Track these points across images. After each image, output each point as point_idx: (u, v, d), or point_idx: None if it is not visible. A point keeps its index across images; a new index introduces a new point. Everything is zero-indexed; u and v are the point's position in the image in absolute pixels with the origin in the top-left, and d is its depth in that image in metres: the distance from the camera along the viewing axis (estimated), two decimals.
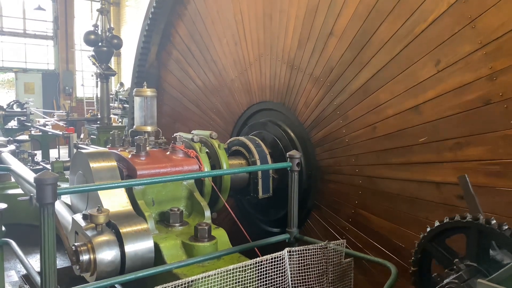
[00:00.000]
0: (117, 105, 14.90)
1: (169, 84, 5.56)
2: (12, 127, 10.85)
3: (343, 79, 3.21)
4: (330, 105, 3.34)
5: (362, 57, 3.06)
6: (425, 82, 2.68)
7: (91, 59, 9.35)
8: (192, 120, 5.14)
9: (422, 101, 2.71)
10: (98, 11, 9.36)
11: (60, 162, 5.90)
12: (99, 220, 2.37)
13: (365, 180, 3.13)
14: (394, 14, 2.82)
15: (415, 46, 2.73)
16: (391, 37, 2.85)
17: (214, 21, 4.62)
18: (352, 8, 3.09)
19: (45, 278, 1.99)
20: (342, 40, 3.20)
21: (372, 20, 2.96)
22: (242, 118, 4.35)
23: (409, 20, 2.74)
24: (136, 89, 3.54)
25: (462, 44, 2.48)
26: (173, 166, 3.07)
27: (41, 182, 1.94)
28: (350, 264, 2.69)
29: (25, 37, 21.84)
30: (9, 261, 5.39)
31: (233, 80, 4.41)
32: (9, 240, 3.20)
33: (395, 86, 2.86)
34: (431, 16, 2.62)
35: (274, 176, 3.62)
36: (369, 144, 3.08)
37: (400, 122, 2.85)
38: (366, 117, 3.08)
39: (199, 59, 4.92)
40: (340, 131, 3.28)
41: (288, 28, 3.68)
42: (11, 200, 4.24)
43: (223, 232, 2.85)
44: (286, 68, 3.73)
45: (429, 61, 2.65)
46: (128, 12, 23.39)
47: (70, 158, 7.38)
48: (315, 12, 3.39)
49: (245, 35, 4.18)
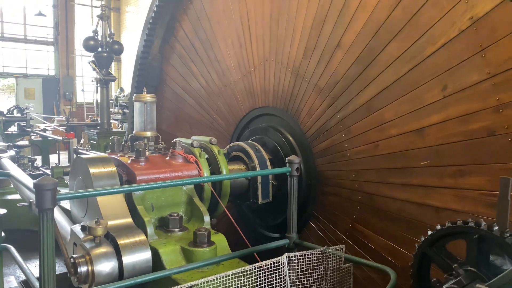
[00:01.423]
0: (117, 111, 14.93)
1: (171, 78, 5.51)
2: (12, 133, 10.88)
3: (348, 93, 3.19)
4: (333, 118, 3.33)
5: (368, 74, 3.03)
6: (431, 106, 2.66)
7: (91, 65, 9.38)
8: (193, 117, 5.10)
9: (427, 124, 2.69)
10: (98, 17, 9.41)
11: (60, 168, 5.88)
12: (97, 232, 2.38)
13: (365, 196, 3.12)
14: (403, 34, 2.80)
15: (422, 69, 2.70)
16: (399, 57, 2.83)
17: (220, 20, 4.56)
18: (360, 23, 3.06)
19: (44, 283, 1.99)
20: (348, 54, 3.17)
21: (380, 38, 2.93)
22: (243, 120, 4.33)
23: (418, 42, 2.71)
24: (136, 94, 3.56)
25: (471, 72, 2.45)
26: (173, 171, 3.08)
27: (40, 187, 1.94)
28: (349, 270, 2.68)
29: (26, 42, 21.92)
30: (8, 267, 5.38)
31: (236, 81, 4.38)
32: (8, 246, 3.19)
33: (399, 107, 2.84)
34: (440, 40, 2.59)
35: (274, 183, 3.62)
36: (370, 161, 3.07)
37: (403, 143, 2.84)
38: (369, 134, 3.06)
39: (203, 57, 4.86)
40: (342, 144, 3.27)
41: (294, 36, 3.64)
42: (11, 205, 4.23)
43: (222, 238, 2.85)
44: (291, 75, 3.70)
45: (436, 86, 2.63)
46: (128, 18, 23.49)
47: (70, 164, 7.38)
48: (323, 22, 3.35)
49: (250, 37, 4.14)
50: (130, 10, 23.35)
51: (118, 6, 23.87)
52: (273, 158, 3.73)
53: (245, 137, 4.18)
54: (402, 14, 2.79)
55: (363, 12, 3.03)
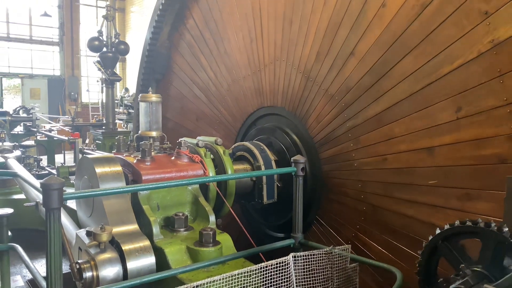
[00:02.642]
0: (122, 111, 15.00)
1: (179, 66, 5.39)
2: (18, 133, 10.95)
3: (359, 103, 3.13)
4: (343, 126, 3.27)
5: (381, 86, 2.97)
6: (443, 126, 2.61)
7: (97, 65, 9.42)
8: (200, 109, 5.02)
9: (437, 144, 2.65)
10: (103, 17, 9.44)
11: (66, 167, 5.92)
12: (102, 239, 2.40)
13: (369, 208, 3.10)
14: (419, 49, 2.72)
15: (437, 88, 2.64)
16: (413, 73, 2.76)
17: (231, 12, 4.42)
18: (376, 33, 2.97)
19: (51, 283, 2.00)
20: (362, 63, 3.09)
21: (395, 50, 2.86)
22: (251, 117, 4.27)
23: (434, 60, 2.64)
24: (141, 94, 3.56)
25: (487, 97, 2.39)
26: (178, 171, 3.08)
27: (47, 187, 1.95)
28: (355, 269, 2.68)
29: (31, 43, 22.06)
30: (15, 266, 5.42)
31: (245, 78, 4.29)
32: (15, 245, 3.22)
33: (411, 123, 2.79)
34: (458, 60, 2.52)
35: (279, 185, 3.61)
36: (377, 173, 3.04)
37: (412, 159, 2.80)
38: (378, 147, 3.02)
39: (212, 49, 4.74)
40: (350, 154, 3.23)
41: (307, 38, 3.54)
42: (17, 205, 4.26)
43: (227, 237, 2.85)
44: (302, 78, 3.63)
45: (450, 106, 2.57)
46: (133, 18, 23.58)
47: (75, 163, 7.42)
48: (338, 27, 3.25)
49: (262, 34, 4.03)
50: (135, 10, 23.43)
51: (123, 6, 23.96)
52: (280, 160, 3.71)
53: (251, 135, 4.15)
54: (420, 29, 2.71)
55: (380, 22, 2.94)
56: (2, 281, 3.55)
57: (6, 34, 21.34)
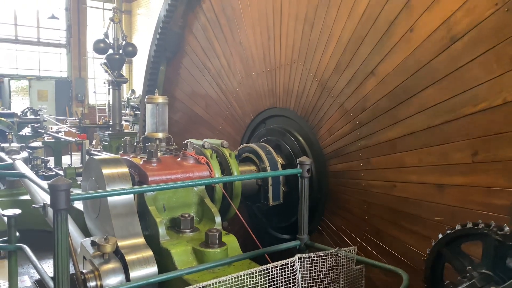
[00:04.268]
0: (129, 112, 15.08)
1: (191, 48, 5.24)
2: (25, 134, 11.03)
3: (373, 124, 3.05)
4: (354, 144, 3.21)
5: (399, 112, 2.87)
6: (457, 166, 2.55)
7: (103, 67, 9.47)
8: (210, 96, 4.89)
9: (448, 183, 2.60)
10: (110, 20, 9.50)
11: (73, 169, 5.97)
12: (106, 250, 2.44)
13: (372, 230, 3.08)
14: (443, 83, 2.61)
15: (456, 127, 2.55)
16: (434, 106, 2.66)
17: (250, 3, 4.23)
18: (400, 57, 2.84)
19: (58, 283, 2.01)
20: (382, 85, 2.97)
21: (418, 79, 2.74)
22: (262, 115, 4.19)
23: (457, 97, 2.53)
24: (147, 96, 3.58)
25: (507, 147, 2.32)
26: (184, 172, 3.09)
27: (55, 188, 1.97)
28: (361, 271, 2.67)
29: (39, 45, 22.26)
30: (22, 266, 5.46)
31: (259, 74, 4.16)
32: (23, 246, 3.24)
33: (424, 156, 2.73)
34: (482, 104, 2.42)
35: (284, 189, 3.61)
36: (384, 198, 3.00)
37: (421, 192, 2.76)
38: (388, 172, 2.97)
39: (228, 36, 4.56)
40: (358, 173, 3.18)
41: (328, 46, 3.38)
42: (25, 206, 4.30)
43: (233, 238, 2.85)
44: (317, 86, 3.51)
45: (466, 148, 2.50)
46: (140, 20, 23.70)
47: (82, 165, 7.46)
48: (361, 42, 3.10)
49: (280, 33, 3.87)
50: (141, 12, 23.55)
51: (130, 8, 24.10)
52: (287, 164, 3.70)
53: (260, 134, 4.10)
54: (447, 62, 2.58)
55: (406, 46, 2.81)
56: (10, 281, 3.58)
57: (14, 36, 21.54)
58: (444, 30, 2.60)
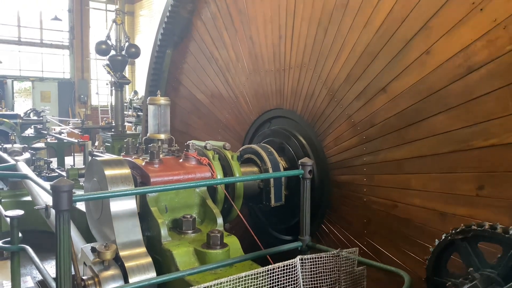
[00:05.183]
0: (131, 113, 15.10)
1: (200, 35, 5.09)
2: (28, 135, 11.07)
3: (381, 142, 3.00)
4: (360, 158, 3.16)
5: (407, 133, 2.82)
6: (461, 197, 2.52)
7: (106, 68, 9.51)
8: (216, 87, 4.81)
9: (451, 212, 2.57)
10: (112, 21, 9.53)
11: (75, 170, 5.99)
12: (106, 257, 2.46)
13: (370, 246, 3.06)
14: (455, 112, 2.55)
15: (464, 158, 2.50)
16: (443, 133, 2.60)
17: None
18: (414, 78, 2.76)
19: (61, 284, 2.02)
20: (392, 103, 2.90)
21: (430, 104, 2.67)
22: (267, 114, 4.13)
23: (468, 129, 2.47)
24: (150, 97, 3.59)
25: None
26: (186, 173, 3.10)
27: (57, 189, 1.98)
28: (363, 273, 2.67)
29: (42, 46, 22.35)
30: (25, 267, 5.48)
31: (267, 72, 4.08)
32: (26, 246, 3.26)
33: (430, 181, 2.70)
34: (493, 139, 2.36)
35: (285, 193, 3.60)
36: (385, 216, 2.97)
37: (423, 217, 2.73)
38: (391, 191, 2.94)
39: (238, 29, 4.42)
40: (361, 188, 3.16)
41: (340, 55, 3.28)
42: (28, 207, 4.31)
43: (235, 240, 2.86)
44: (326, 94, 3.43)
45: (472, 181, 2.46)
46: (142, 22, 23.75)
47: (85, 166, 7.49)
48: (375, 56, 3.01)
49: (292, 33, 3.75)
50: (144, 14, 23.61)
51: (132, 10, 24.16)
52: (290, 168, 3.68)
53: (265, 133, 4.07)
54: (462, 91, 2.51)
55: (420, 68, 2.73)
56: (12, 281, 3.59)
57: (17, 38, 21.63)
58: (461, 58, 2.51)
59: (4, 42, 21.17)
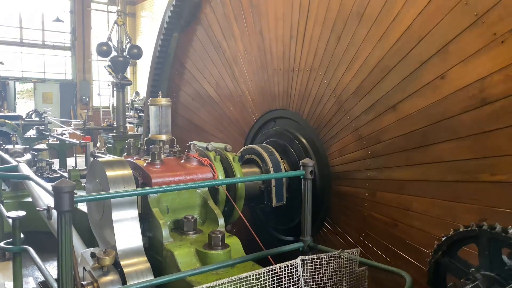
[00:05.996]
0: (133, 114, 15.13)
1: (208, 22, 4.93)
2: (30, 136, 11.08)
3: (386, 159, 2.96)
4: (363, 172, 3.12)
5: (414, 156, 2.76)
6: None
7: (108, 69, 9.51)
8: (222, 78, 4.70)
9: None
10: (114, 23, 9.55)
11: (77, 171, 6.00)
12: (105, 262, 2.48)
13: (365, 258, 3.02)
14: (464, 142, 2.49)
15: (468, 189, 2.47)
16: (450, 162, 2.56)
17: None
18: (426, 101, 2.67)
19: (62, 284, 2.02)
20: (401, 123, 2.84)
21: (440, 130, 2.61)
22: (272, 113, 4.07)
23: (476, 161, 2.43)
24: (151, 98, 3.60)
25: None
26: (187, 174, 3.10)
27: (59, 190, 1.98)
28: (364, 273, 2.66)
29: (44, 48, 22.39)
30: (27, 268, 5.49)
31: (276, 71, 3.97)
32: (27, 247, 3.27)
33: (430, 207, 2.68)
34: (501, 176, 2.32)
35: (286, 196, 3.60)
36: (384, 234, 2.95)
37: (422, 240, 2.72)
38: (393, 210, 2.92)
39: (248, 22, 4.26)
40: (362, 201, 3.14)
41: (352, 65, 3.19)
42: (30, 208, 4.32)
43: (236, 240, 2.86)
44: (334, 103, 3.35)
45: (475, 213, 2.43)
46: (144, 23, 23.79)
47: (86, 167, 7.49)
48: (388, 72, 2.91)
49: (304, 35, 3.62)
50: (145, 15, 23.64)
51: (134, 11, 24.19)
52: (291, 170, 3.67)
53: (269, 133, 4.04)
54: (473, 122, 2.44)
55: (433, 92, 2.64)
56: (14, 282, 3.60)
57: (19, 39, 21.68)
58: (476, 89, 2.43)
59: (6, 44, 21.21)
